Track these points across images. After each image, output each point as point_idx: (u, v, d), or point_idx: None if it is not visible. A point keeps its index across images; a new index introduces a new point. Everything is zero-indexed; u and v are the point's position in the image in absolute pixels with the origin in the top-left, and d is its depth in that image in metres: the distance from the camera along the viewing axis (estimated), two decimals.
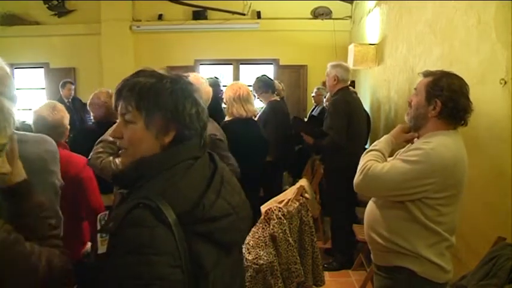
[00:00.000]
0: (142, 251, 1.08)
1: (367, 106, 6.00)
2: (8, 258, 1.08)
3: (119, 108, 1.26)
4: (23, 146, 1.83)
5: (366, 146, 4.69)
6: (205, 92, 2.78)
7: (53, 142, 2.02)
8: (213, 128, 2.81)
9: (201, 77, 3.00)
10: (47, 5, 8.79)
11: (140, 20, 8.77)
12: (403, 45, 4.68)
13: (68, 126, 2.77)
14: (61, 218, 2.11)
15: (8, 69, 1.71)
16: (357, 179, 2.15)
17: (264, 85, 4.90)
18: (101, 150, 2.72)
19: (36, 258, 1.22)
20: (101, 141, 2.74)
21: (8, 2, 8.77)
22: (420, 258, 2.05)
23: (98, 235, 1.21)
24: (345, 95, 4.44)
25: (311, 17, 8.53)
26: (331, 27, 8.16)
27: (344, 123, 4.26)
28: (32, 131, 2.48)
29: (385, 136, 2.28)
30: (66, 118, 2.73)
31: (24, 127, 2.58)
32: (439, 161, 1.97)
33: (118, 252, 1.12)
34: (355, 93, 5.34)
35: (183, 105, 1.24)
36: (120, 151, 1.30)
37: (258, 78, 4.98)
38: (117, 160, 2.13)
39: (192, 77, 2.67)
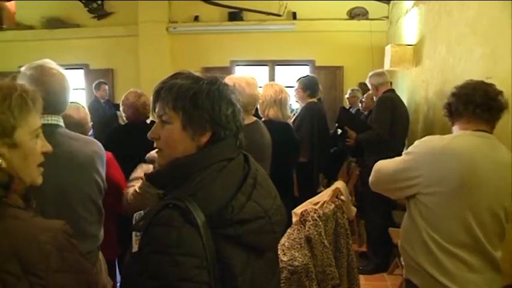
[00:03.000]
0: (168, 251, 1.09)
1: None
2: (67, 262, 1.11)
3: (157, 110, 1.29)
4: (73, 143, 2.04)
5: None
6: (251, 96, 2.75)
7: (102, 147, 2.17)
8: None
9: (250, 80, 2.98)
10: (87, 8, 9.01)
11: (177, 22, 8.87)
12: (442, 45, 4.57)
13: (90, 124, 2.97)
14: (103, 214, 2.17)
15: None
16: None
17: (307, 86, 4.86)
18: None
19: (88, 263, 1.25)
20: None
21: (52, 7, 9.09)
22: (420, 271, 2.00)
23: (133, 233, 1.23)
24: (391, 93, 4.62)
25: (347, 17, 8.43)
26: (367, 27, 8.05)
27: (388, 118, 4.37)
28: None
29: None
30: (88, 116, 2.92)
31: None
32: (426, 150, 1.96)
33: (145, 251, 1.13)
34: None
35: (219, 106, 1.25)
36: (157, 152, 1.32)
37: (305, 77, 4.94)
38: (131, 190, 2.19)
39: (248, 79, 2.68)
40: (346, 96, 7.09)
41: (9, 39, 8.96)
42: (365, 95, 6.16)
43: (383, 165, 2.16)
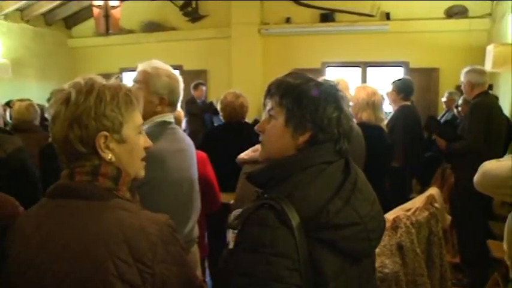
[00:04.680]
0: (261, 250, 1.11)
1: (507, 112, 5.52)
2: (171, 255, 1.16)
3: (267, 105, 1.34)
4: (187, 138, 2.19)
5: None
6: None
7: (191, 141, 2.25)
8: None
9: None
10: (182, 12, 9.41)
11: (268, 23, 8.97)
12: None
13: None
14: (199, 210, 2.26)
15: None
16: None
17: (401, 89, 4.71)
18: None
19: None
20: None
21: (150, 11, 9.66)
22: None
23: (230, 231, 1.26)
24: (485, 99, 4.15)
25: (444, 16, 8.02)
26: (466, 26, 7.62)
27: (482, 128, 3.97)
28: None
29: None
30: (182, 114, 3.07)
31: None
32: None
33: (239, 248, 1.16)
34: (496, 98, 4.95)
35: (324, 108, 1.26)
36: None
37: (400, 80, 4.80)
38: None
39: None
40: (443, 99, 6.77)
41: (111, 43, 9.61)
42: (461, 98, 5.80)
43: (491, 168, 2.00)
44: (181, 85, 2.18)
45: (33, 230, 1.18)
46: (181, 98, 2.19)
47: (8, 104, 6.10)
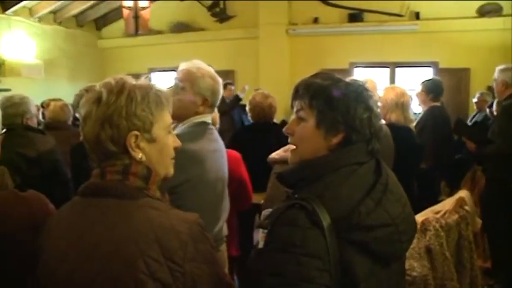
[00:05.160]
0: (292, 250, 1.11)
1: None
2: (201, 253, 1.17)
3: (295, 106, 1.32)
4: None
5: None
6: None
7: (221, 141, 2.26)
8: None
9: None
10: (210, 12, 9.48)
11: (296, 24, 8.96)
12: None
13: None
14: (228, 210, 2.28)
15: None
16: None
17: (430, 89, 4.64)
18: None
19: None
20: None
21: (179, 12, 9.77)
22: None
23: (260, 230, 1.26)
24: None
25: (476, 15, 7.84)
26: (500, 25, 7.44)
27: None
28: None
29: None
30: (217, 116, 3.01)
31: None
32: None
33: (269, 248, 1.16)
34: None
35: (355, 109, 1.25)
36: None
37: (429, 80, 4.73)
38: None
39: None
40: (474, 100, 6.64)
41: (140, 44, 9.75)
42: (495, 101, 5.65)
43: None
44: (221, 87, 2.19)
45: (65, 228, 1.21)
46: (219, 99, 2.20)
47: (42, 104, 6.25)
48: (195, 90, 2.07)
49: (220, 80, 2.18)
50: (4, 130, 1.44)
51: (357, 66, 8.73)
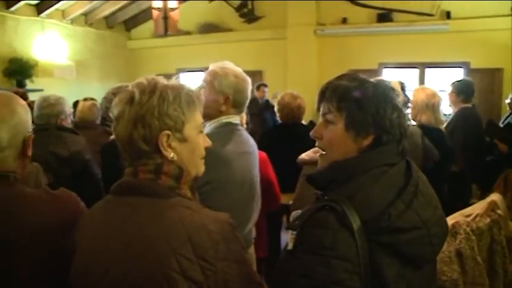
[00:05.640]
0: (322, 252, 1.10)
1: None
2: (232, 253, 1.17)
3: (321, 109, 1.31)
4: (251, 138, 2.22)
5: None
6: None
7: (254, 142, 2.27)
8: None
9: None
10: (238, 13, 9.53)
11: (324, 24, 8.92)
12: None
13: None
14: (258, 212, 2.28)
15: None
16: None
17: (461, 90, 4.56)
18: None
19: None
20: None
21: (207, 13, 9.85)
22: None
23: (290, 232, 1.26)
24: None
25: (510, 13, 7.62)
26: None
27: None
28: None
29: None
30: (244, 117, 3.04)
31: None
32: None
33: (299, 250, 1.16)
34: None
35: (384, 110, 1.23)
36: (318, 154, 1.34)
37: (460, 81, 4.66)
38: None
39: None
40: (507, 101, 6.47)
41: (168, 45, 9.88)
42: (510, 96, 5.52)
43: None
44: (250, 86, 2.17)
45: (98, 226, 1.23)
46: (248, 99, 2.18)
47: (74, 104, 6.38)
48: (216, 89, 2.07)
49: (247, 79, 2.16)
50: (32, 128, 1.47)
51: (385, 67, 8.65)
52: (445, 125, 4.33)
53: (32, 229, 1.31)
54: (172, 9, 6.71)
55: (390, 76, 8.05)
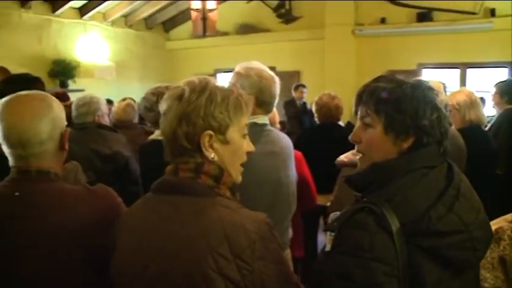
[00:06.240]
0: (360, 254, 1.09)
1: None
2: (269, 252, 1.17)
3: (359, 113, 1.29)
4: (282, 139, 2.22)
5: None
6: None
7: (289, 143, 2.25)
8: None
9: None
10: (276, 14, 9.53)
11: (363, 24, 8.83)
12: None
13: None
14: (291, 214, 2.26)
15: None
16: None
17: (505, 91, 4.44)
18: None
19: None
20: None
21: (245, 14, 9.93)
22: None
23: (328, 233, 1.25)
24: None
25: None
26: None
27: None
28: None
29: None
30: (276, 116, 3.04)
31: None
32: None
33: (337, 251, 1.15)
34: None
35: (424, 111, 1.21)
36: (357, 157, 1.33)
37: (504, 82, 4.54)
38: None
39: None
40: None
41: (206, 45, 9.98)
42: None
43: None
44: (277, 85, 2.13)
45: (138, 223, 1.25)
46: (277, 98, 2.16)
47: (110, 102, 6.51)
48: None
49: (273, 78, 2.11)
50: (66, 124, 1.53)
51: (425, 67, 8.49)
52: (488, 126, 4.22)
53: (71, 224, 1.36)
54: (211, 10, 6.77)
55: (430, 77, 7.87)
